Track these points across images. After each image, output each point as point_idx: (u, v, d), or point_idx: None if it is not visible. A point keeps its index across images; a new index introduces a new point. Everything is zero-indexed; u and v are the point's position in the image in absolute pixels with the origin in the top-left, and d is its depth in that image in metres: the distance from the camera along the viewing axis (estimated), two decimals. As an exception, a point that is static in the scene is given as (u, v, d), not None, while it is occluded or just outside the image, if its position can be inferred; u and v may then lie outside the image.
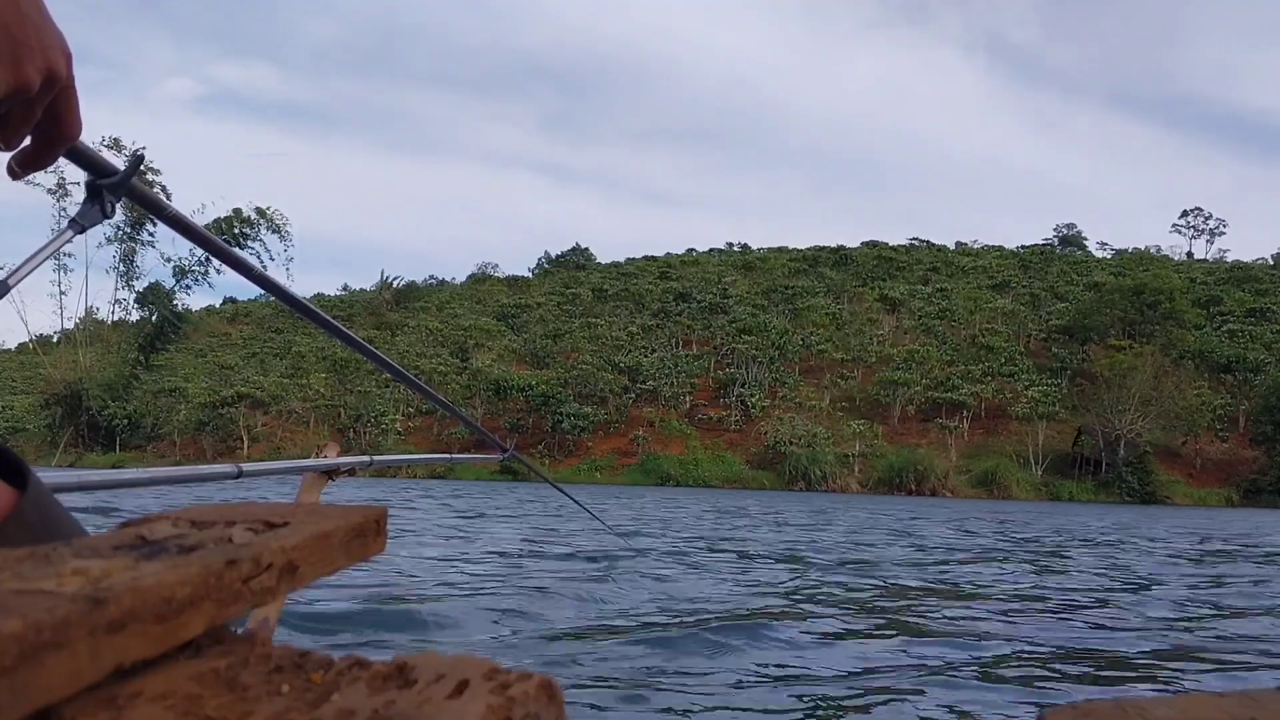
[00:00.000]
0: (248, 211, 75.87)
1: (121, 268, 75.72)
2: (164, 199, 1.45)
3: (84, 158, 1.14)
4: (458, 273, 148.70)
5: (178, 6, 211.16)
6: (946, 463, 62.59)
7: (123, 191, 1.23)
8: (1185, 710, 0.33)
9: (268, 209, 76.24)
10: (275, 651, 0.33)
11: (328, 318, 2.07)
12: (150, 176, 67.67)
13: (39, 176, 50.99)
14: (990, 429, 68.34)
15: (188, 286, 78.10)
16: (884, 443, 65.24)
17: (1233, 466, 64.22)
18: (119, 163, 1.17)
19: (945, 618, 5.93)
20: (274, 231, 76.48)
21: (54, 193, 63.46)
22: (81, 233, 1.22)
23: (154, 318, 78.30)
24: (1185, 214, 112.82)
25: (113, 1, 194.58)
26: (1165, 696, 0.34)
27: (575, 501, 6.00)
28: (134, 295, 79.21)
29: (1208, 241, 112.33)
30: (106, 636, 0.28)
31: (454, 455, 4.34)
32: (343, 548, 0.41)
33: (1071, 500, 58.76)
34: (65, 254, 71.15)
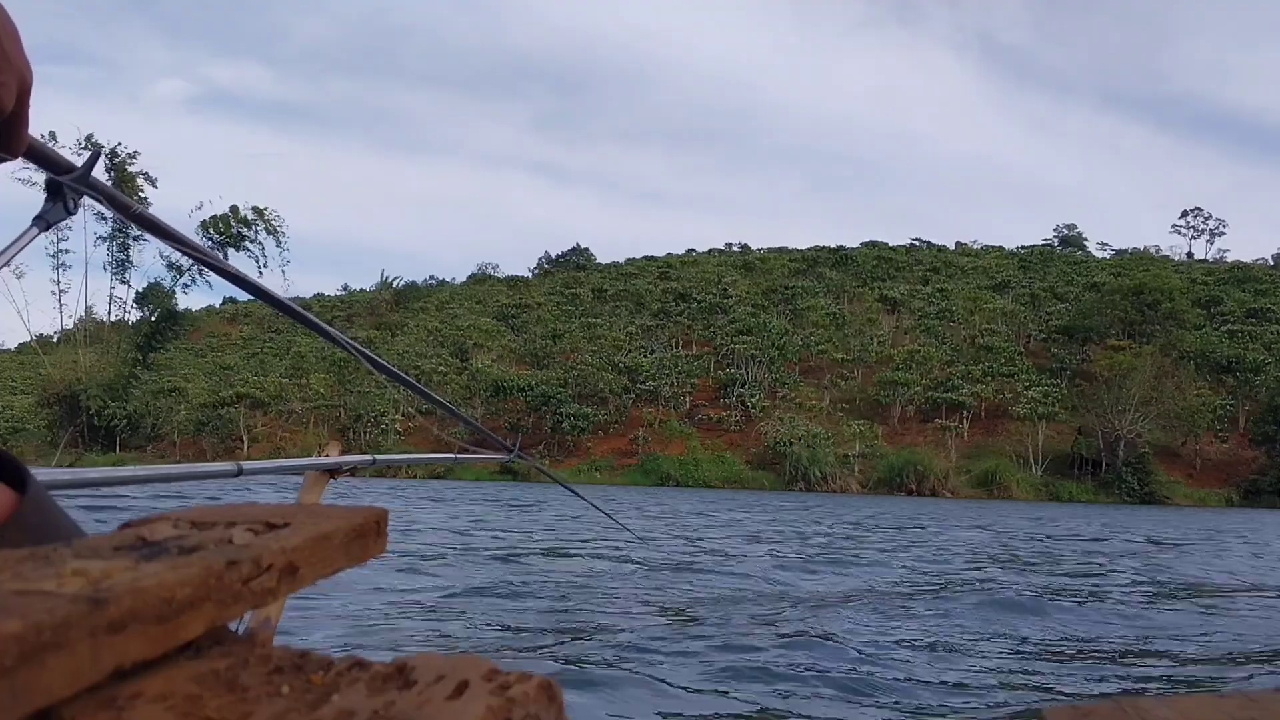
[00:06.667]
0: (245, 211, 75.50)
1: (115, 265, 75.50)
2: (128, 197, 1.44)
3: (42, 156, 1.13)
4: (458, 273, 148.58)
5: (170, 6, 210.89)
6: (946, 463, 62.50)
7: (84, 188, 1.23)
8: (1185, 711, 0.33)
9: (265, 209, 75.82)
10: (275, 652, 0.34)
11: (312, 317, 2.04)
12: (148, 190, 67.43)
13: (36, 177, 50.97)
14: (990, 429, 68.29)
15: (185, 285, 77.85)
16: (884, 443, 65.18)
17: (1233, 467, 64.17)
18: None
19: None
20: (270, 234, 76.04)
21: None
22: (47, 230, 1.23)
23: (153, 317, 78.14)
24: (1185, 214, 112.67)
25: (105, 1, 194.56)
26: (1165, 697, 0.33)
27: (589, 502, 5.88)
28: (133, 294, 79.07)
29: (1208, 242, 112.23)
30: (106, 637, 0.28)
31: (458, 454, 4.25)
32: (343, 549, 0.41)
33: (1071, 500, 58.72)
34: (65, 250, 71.26)
